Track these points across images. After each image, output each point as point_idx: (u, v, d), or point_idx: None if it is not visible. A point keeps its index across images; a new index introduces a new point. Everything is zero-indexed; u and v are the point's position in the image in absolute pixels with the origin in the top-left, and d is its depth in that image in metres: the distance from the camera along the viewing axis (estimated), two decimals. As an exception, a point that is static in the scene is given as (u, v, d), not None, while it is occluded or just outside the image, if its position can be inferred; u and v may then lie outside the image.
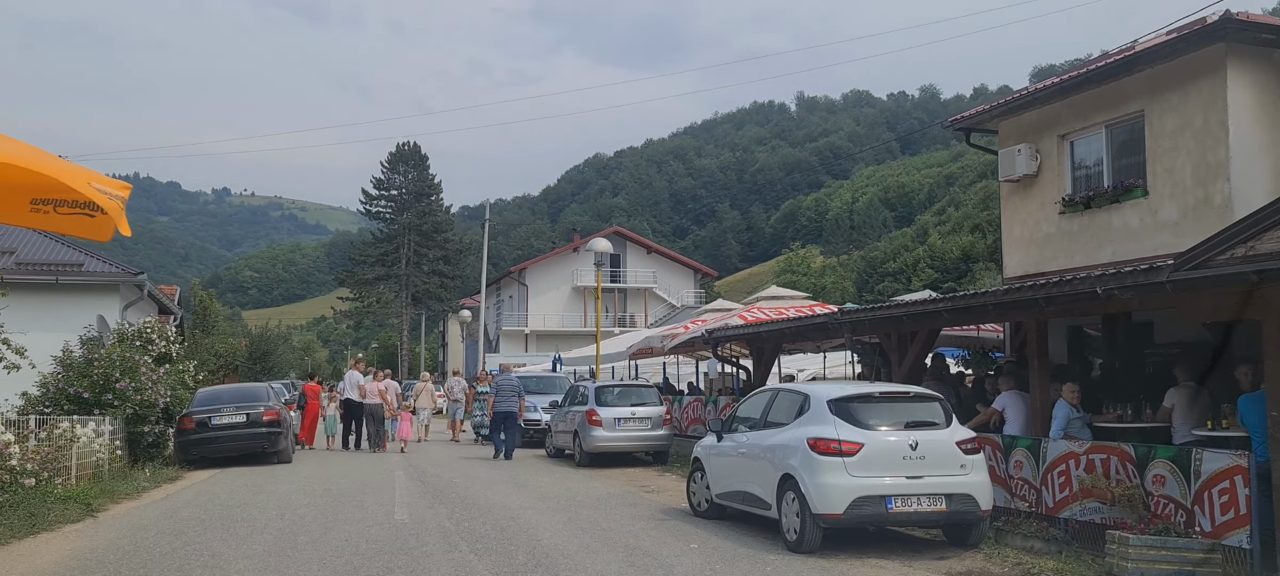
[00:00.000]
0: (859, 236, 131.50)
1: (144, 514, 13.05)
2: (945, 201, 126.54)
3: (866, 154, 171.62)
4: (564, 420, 21.42)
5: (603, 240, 25.56)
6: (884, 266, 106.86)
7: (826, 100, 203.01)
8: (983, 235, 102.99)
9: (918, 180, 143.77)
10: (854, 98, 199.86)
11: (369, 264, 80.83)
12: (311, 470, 19.12)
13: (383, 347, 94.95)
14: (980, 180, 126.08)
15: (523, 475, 18.24)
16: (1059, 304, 11.45)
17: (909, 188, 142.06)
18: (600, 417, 19.77)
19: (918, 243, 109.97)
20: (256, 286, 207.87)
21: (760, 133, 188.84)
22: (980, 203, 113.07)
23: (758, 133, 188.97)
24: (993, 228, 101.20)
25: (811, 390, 11.06)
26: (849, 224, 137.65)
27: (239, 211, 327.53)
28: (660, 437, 20.08)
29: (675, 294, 67.48)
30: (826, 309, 20.87)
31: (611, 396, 20.35)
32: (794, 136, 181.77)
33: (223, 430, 19.45)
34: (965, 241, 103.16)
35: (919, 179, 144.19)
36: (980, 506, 10.12)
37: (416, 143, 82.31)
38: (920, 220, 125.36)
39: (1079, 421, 12.12)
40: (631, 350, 26.03)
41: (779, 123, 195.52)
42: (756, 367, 19.96)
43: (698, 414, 21.88)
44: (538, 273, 67.70)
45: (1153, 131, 14.83)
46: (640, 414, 20.00)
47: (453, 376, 32.30)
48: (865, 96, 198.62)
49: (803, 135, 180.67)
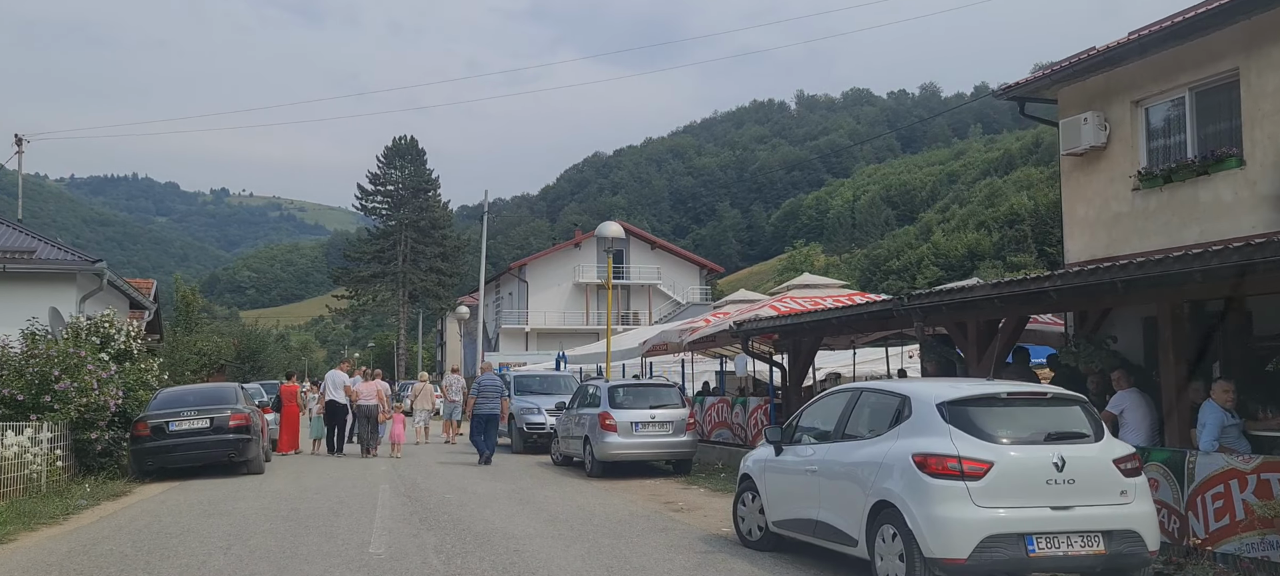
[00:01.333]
0: (861, 234, 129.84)
1: (52, 548, 10.36)
2: (949, 198, 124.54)
3: (867, 152, 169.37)
4: (572, 424, 18.79)
5: (613, 225, 22.89)
6: (888, 264, 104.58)
7: (826, 98, 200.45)
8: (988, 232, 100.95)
9: (920, 178, 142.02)
10: (854, 96, 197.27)
11: (365, 261, 78.01)
12: (283, 483, 16.45)
13: (380, 347, 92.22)
14: (984, 177, 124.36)
15: (527, 488, 15.59)
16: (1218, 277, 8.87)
17: (911, 185, 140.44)
18: (615, 421, 17.13)
19: (922, 240, 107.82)
20: (254, 286, 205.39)
21: (760, 131, 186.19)
22: (985, 199, 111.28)
23: (757, 131, 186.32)
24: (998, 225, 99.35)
25: (912, 390, 8.36)
26: (851, 222, 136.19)
27: (238, 212, 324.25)
28: (684, 444, 17.44)
29: (680, 291, 64.78)
30: (868, 297, 18.23)
31: (628, 397, 17.71)
32: (794, 134, 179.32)
33: (182, 437, 16.76)
34: (970, 238, 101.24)
35: (921, 177, 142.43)
36: (1147, 546, 7.48)
37: (413, 136, 79.49)
38: (924, 217, 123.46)
39: (1235, 429, 9.51)
40: (645, 347, 23.37)
41: (779, 121, 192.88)
42: (793, 365, 17.32)
43: (724, 416, 19.26)
44: (538, 269, 64.96)
45: (1250, 92, 12.34)
46: (661, 417, 17.35)
47: (450, 374, 29.71)
48: (865, 94, 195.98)
49: (803, 133, 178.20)
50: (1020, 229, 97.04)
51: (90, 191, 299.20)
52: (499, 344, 62.85)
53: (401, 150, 78.59)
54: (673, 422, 17.42)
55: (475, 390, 20.98)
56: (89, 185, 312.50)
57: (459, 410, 26.69)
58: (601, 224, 22.88)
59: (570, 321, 62.85)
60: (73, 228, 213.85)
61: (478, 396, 20.44)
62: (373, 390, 22.48)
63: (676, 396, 18.12)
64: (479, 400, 20.33)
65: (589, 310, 63.79)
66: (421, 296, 76.78)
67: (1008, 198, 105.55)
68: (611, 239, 22.18)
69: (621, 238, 22.62)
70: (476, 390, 20.84)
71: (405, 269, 75.67)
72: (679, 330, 21.43)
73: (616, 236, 22.44)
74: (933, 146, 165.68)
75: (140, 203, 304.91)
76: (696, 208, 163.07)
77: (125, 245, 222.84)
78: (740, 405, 18.41)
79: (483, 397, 20.31)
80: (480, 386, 20.70)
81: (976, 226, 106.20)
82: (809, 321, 15.67)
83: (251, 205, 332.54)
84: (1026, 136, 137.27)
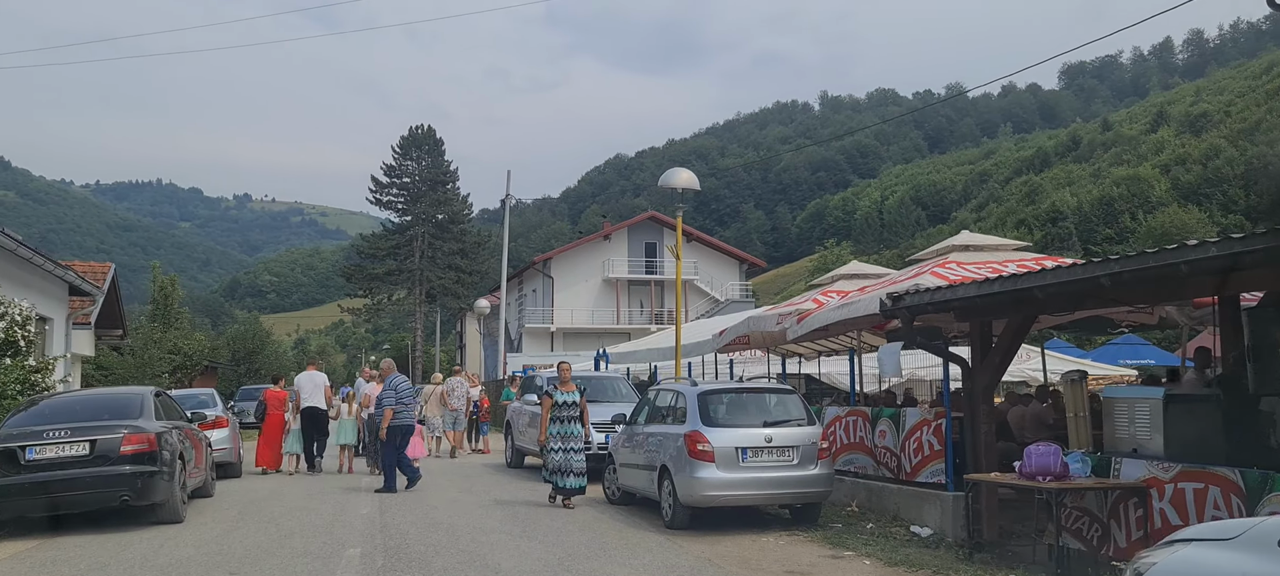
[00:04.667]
0: (890, 235, 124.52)
1: None
2: (984, 197, 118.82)
3: (894, 152, 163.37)
4: (639, 448, 12.62)
5: (683, 171, 16.62)
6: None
7: (851, 99, 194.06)
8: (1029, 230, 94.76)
9: (949, 177, 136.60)
10: (879, 96, 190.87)
11: (379, 258, 71.71)
12: (200, 543, 10.30)
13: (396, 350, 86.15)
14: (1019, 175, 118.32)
15: (579, 556, 9.40)
16: None
17: (940, 185, 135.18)
18: (713, 446, 10.96)
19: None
20: (275, 291, 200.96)
21: (784, 132, 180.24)
22: (1023, 197, 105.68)
23: (781, 132, 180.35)
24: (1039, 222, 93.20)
25: None
26: (879, 222, 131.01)
27: (260, 217, 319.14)
28: (815, 481, 11.24)
29: (718, 287, 58.43)
30: (1064, 262, 11.85)
31: (730, 410, 11.56)
32: (819, 135, 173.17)
33: (46, 470, 10.63)
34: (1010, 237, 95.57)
35: (950, 176, 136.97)
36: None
37: (431, 126, 72.97)
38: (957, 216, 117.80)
39: None
40: (724, 340, 17.16)
41: (803, 121, 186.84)
42: (981, 359, 11.00)
43: (860, 435, 12.99)
44: (564, 263, 58.67)
45: None
46: (780, 439, 11.16)
47: (453, 376, 23.77)
48: (891, 95, 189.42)
49: (828, 134, 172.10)
50: (1063, 226, 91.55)
51: (115, 197, 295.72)
52: (522, 344, 56.71)
53: (418, 140, 72.27)
54: (799, 448, 11.22)
55: (391, 394, 15.13)
56: (114, 191, 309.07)
57: (461, 419, 22.61)
58: (668, 171, 16.63)
59: (599, 320, 56.65)
60: (97, 233, 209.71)
61: (394, 403, 14.94)
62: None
63: (799, 407, 11.87)
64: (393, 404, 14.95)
65: (620, 308, 57.53)
66: (439, 295, 70.43)
67: (1048, 195, 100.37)
68: (682, 189, 16.01)
69: (694, 187, 16.43)
70: (391, 395, 15.07)
71: (422, 266, 69.45)
72: (778, 315, 15.15)
73: (689, 186, 16.28)
74: (961, 146, 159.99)
75: (164, 208, 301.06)
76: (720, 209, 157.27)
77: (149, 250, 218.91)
78: (889, 421, 12.20)
79: (399, 404, 15.00)
80: (395, 389, 15.16)
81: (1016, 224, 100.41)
82: (1052, 284, 9.05)
83: (273, 210, 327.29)
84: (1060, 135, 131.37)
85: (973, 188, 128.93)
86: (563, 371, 13.63)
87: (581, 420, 13.19)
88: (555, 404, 13.13)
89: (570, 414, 13.09)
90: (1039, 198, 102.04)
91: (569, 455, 12.90)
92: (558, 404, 13.06)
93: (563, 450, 12.95)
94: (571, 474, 12.89)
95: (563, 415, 13.06)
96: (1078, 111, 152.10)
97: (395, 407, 14.97)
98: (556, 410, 13.12)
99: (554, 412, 13.10)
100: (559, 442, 12.99)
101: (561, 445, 12.97)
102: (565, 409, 13.09)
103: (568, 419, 13.06)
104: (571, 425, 13.04)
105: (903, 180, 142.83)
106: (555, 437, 13.03)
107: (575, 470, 12.88)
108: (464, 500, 13.94)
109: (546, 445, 13.14)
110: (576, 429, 13.04)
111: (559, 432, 13.01)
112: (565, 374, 13.57)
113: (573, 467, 12.89)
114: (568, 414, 13.08)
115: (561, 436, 12.99)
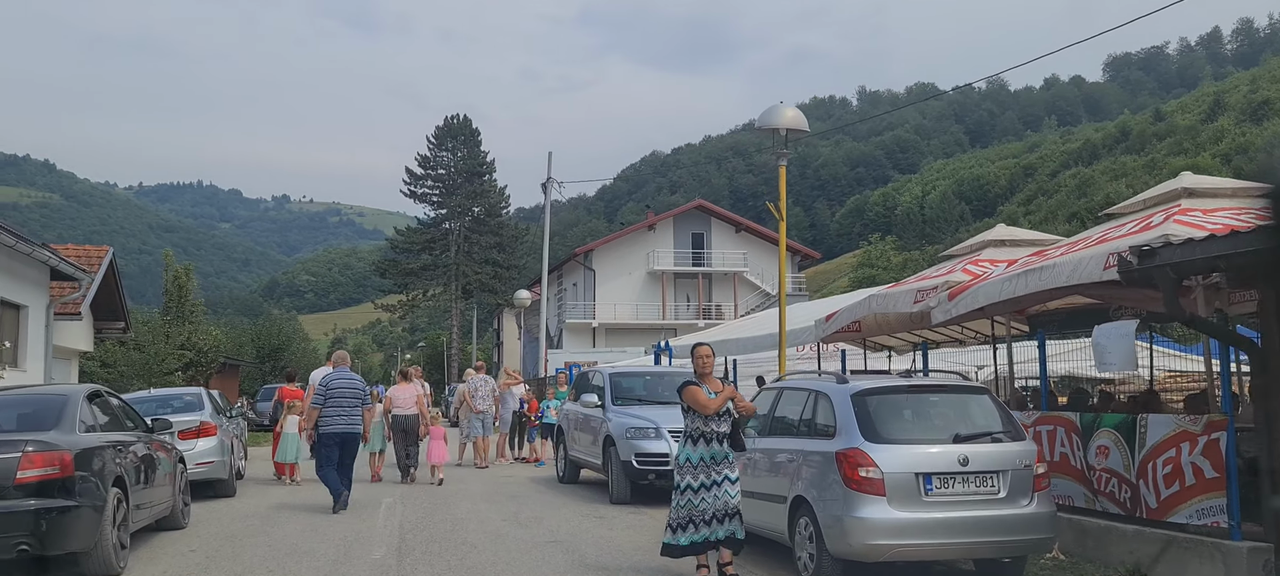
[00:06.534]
0: (932, 230, 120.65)
1: None
2: (1032, 189, 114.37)
3: (934, 147, 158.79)
4: (757, 469, 8.90)
5: (790, 108, 12.91)
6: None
7: (890, 94, 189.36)
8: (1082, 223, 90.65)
9: (993, 172, 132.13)
10: (918, 91, 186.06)
11: (414, 252, 68.28)
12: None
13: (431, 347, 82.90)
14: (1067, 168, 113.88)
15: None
16: None
17: (984, 179, 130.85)
18: (882, 472, 7.28)
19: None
20: (313, 290, 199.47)
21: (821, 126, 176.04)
22: (1075, 189, 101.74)
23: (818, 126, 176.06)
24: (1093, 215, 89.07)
25: None
26: (921, 217, 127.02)
27: (298, 217, 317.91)
28: (1032, 522, 7.52)
29: (769, 279, 54.63)
30: None
31: (902, 418, 7.92)
32: (857, 130, 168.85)
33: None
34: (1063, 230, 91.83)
35: (994, 171, 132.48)
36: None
37: (466, 115, 69.42)
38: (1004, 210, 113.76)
39: None
40: (830, 327, 13.45)
41: (841, 116, 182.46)
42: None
43: (1063, 451, 9.22)
44: (606, 255, 55.00)
45: None
46: (980, 461, 7.43)
47: (472, 373, 20.31)
48: (930, 89, 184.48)
49: (866, 129, 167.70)
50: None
51: (157, 199, 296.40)
52: (562, 341, 53.15)
53: (453, 130, 68.74)
54: (1006, 474, 7.49)
55: (323, 394, 12.49)
56: (156, 193, 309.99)
57: (490, 422, 19.39)
58: (769, 108, 12.88)
59: (644, 315, 53.00)
60: (139, 234, 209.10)
61: (325, 404, 12.39)
62: (411, 397, 16.58)
63: (998, 412, 8.11)
64: (326, 411, 12.37)
65: (666, 302, 53.79)
66: (476, 291, 66.93)
67: (1101, 187, 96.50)
68: (787, 131, 12.33)
69: (802, 127, 12.76)
70: (323, 395, 12.45)
71: (458, 261, 65.97)
72: (913, 291, 11.40)
73: (795, 126, 12.58)
74: (1003, 140, 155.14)
75: (205, 209, 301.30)
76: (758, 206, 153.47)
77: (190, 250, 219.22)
78: (1113, 432, 8.44)
79: (334, 405, 12.38)
80: (329, 388, 12.50)
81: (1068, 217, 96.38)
82: None
83: (311, 211, 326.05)
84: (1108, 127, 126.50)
85: (1018, 181, 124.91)
86: (702, 359, 8.12)
87: (735, 435, 7.89)
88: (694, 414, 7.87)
89: (717, 429, 7.81)
90: (1091, 190, 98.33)
91: (719, 492, 7.73)
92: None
93: (710, 485, 7.75)
94: (726, 517, 7.73)
95: (705, 430, 7.83)
96: (1124, 103, 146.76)
97: (324, 409, 12.26)
98: (697, 426, 7.86)
99: (695, 428, 7.87)
100: (702, 474, 7.79)
101: (706, 478, 7.77)
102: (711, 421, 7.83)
103: (714, 435, 7.81)
104: (718, 444, 7.81)
105: (944, 175, 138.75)
106: (695, 467, 7.81)
107: (729, 510, 7.74)
108: (512, 537, 10.31)
109: (679, 480, 7.93)
110: (726, 450, 7.83)
111: (703, 459, 7.80)
112: (706, 363, 8.13)
113: (726, 506, 7.72)
114: (713, 428, 7.81)
115: (706, 463, 7.79)
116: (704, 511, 7.73)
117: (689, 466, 7.84)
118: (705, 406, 7.75)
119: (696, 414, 7.79)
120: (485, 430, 19.27)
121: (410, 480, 15.89)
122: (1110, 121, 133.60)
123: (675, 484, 7.92)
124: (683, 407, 7.96)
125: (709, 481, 7.74)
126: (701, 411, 7.74)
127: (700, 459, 7.80)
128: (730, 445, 7.85)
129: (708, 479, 7.76)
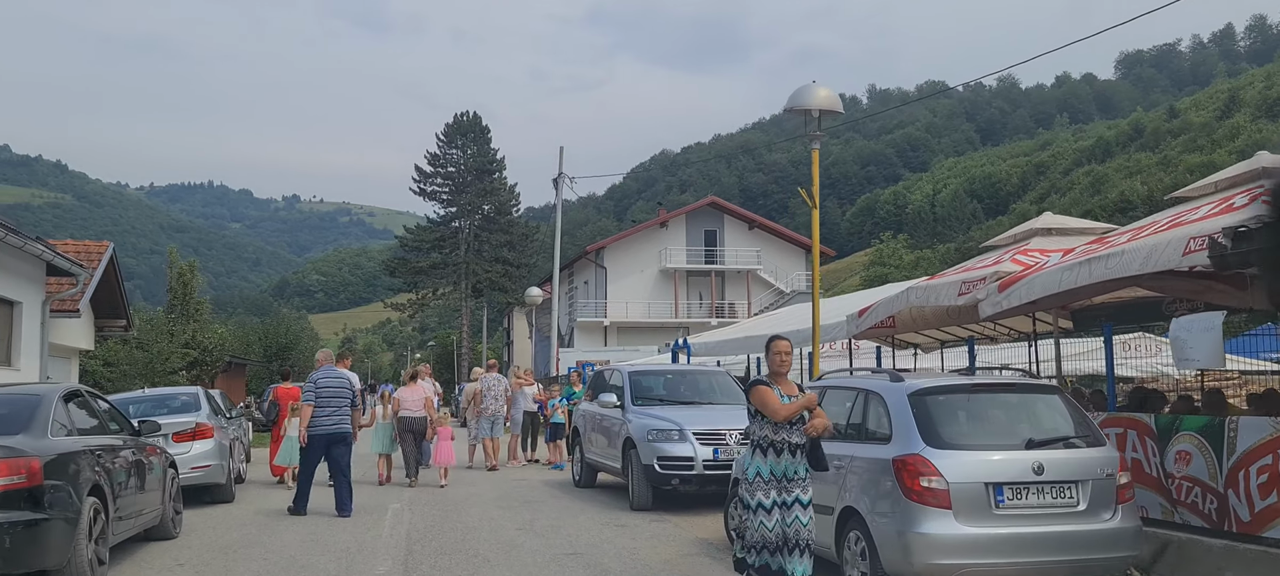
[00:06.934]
0: (944, 228, 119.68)
1: None
2: (1044, 187, 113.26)
3: (945, 145, 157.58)
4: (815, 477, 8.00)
5: (821, 89, 12.09)
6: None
7: (899, 92, 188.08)
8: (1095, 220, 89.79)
9: (1004, 170, 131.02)
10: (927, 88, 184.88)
11: (423, 250, 67.46)
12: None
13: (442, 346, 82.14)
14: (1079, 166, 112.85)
15: None
16: None
17: (996, 177, 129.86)
18: (947, 482, 6.45)
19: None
20: (323, 290, 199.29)
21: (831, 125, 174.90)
22: (1089, 187, 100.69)
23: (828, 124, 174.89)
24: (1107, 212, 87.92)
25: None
26: (932, 216, 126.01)
27: (308, 217, 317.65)
28: (1115, 538, 6.68)
29: (783, 277, 53.71)
30: None
31: (965, 420, 7.08)
32: (867, 128, 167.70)
33: None
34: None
35: (1005, 168, 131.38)
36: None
37: (476, 112, 68.56)
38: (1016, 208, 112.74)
39: None
40: (865, 322, 12.61)
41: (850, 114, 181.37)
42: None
43: (1136, 457, 8.35)
44: (618, 253, 54.14)
45: None
46: (1056, 469, 6.60)
47: (480, 371, 19.59)
48: (939, 86, 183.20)
49: (876, 127, 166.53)
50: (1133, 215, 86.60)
51: (168, 199, 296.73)
52: (573, 340, 52.32)
53: (463, 127, 67.93)
54: (1085, 484, 6.66)
55: (312, 392, 11.91)
56: (167, 193, 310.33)
57: (500, 423, 18.73)
58: (800, 88, 12.08)
59: (656, 313, 52.14)
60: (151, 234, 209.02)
61: (315, 403, 11.81)
62: (419, 397, 16.02)
63: (1071, 414, 7.25)
64: (317, 411, 11.78)
65: (678, 300, 52.93)
66: (486, 290, 66.13)
67: (1116, 184, 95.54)
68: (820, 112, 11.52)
69: (836, 108, 12.00)
70: (312, 393, 11.87)
71: (468, 259, 65.16)
72: (958, 282, 10.53)
73: (828, 106, 11.81)
74: (1014, 138, 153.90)
75: (215, 209, 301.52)
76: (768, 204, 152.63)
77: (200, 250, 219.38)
78: (1196, 436, 7.57)
79: (322, 405, 11.81)
80: (317, 387, 11.94)
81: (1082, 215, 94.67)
82: None
83: (321, 211, 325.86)
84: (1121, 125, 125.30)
85: (1030, 179, 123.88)
86: (779, 354, 6.77)
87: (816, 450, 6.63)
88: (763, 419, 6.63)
89: (790, 439, 6.58)
90: (1105, 187, 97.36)
91: (788, 515, 6.50)
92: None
93: (779, 505, 6.52)
94: (797, 550, 6.48)
95: (774, 439, 6.59)
96: (1136, 101, 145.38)
97: (315, 406, 11.72)
98: (765, 434, 6.62)
99: (763, 436, 6.63)
100: (775, 490, 6.54)
101: (778, 496, 6.53)
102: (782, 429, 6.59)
103: (785, 446, 6.58)
104: (790, 457, 6.57)
105: (955, 173, 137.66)
106: (765, 484, 6.56)
107: (800, 541, 6.50)
108: (527, 547, 9.49)
109: (744, 497, 6.73)
110: (799, 465, 6.59)
111: (775, 475, 6.56)
112: (783, 360, 6.79)
113: (797, 536, 6.49)
114: (785, 438, 6.58)
115: (779, 480, 6.55)
116: (770, 540, 6.48)
117: (760, 482, 6.54)
118: (775, 412, 6.51)
119: (765, 419, 6.62)
120: (495, 431, 18.53)
121: (416, 478, 15.45)
122: (1123, 119, 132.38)
123: (745, 502, 6.71)
124: (749, 410, 6.77)
125: (779, 501, 6.53)
126: (771, 417, 6.56)
127: (771, 473, 6.54)
128: (809, 461, 6.61)
129: (779, 497, 6.52)
